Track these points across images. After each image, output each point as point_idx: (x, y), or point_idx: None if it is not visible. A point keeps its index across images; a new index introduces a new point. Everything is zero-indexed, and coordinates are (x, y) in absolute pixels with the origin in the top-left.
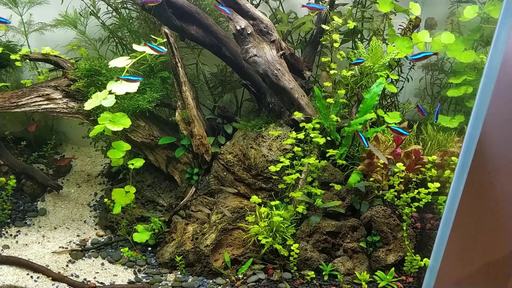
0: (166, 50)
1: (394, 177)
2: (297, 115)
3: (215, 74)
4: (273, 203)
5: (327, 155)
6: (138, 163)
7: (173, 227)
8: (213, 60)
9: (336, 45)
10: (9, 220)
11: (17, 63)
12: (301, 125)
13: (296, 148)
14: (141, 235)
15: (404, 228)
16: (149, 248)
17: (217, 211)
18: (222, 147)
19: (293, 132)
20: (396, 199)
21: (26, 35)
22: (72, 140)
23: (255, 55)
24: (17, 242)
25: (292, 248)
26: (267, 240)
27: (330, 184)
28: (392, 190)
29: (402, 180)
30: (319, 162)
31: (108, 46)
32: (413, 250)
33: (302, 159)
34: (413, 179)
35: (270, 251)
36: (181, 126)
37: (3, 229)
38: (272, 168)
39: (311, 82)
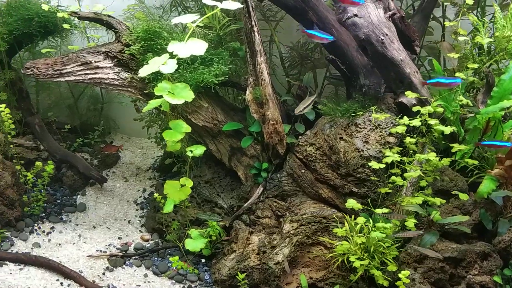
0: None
1: None
2: (410, 95)
3: (295, 48)
4: (378, 211)
5: (453, 150)
6: (198, 150)
7: (233, 235)
8: (288, 36)
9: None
10: (44, 214)
11: (65, 25)
12: (415, 109)
13: (409, 140)
14: (195, 242)
15: None
16: (203, 260)
17: (292, 219)
18: (300, 137)
19: (405, 117)
20: None
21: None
22: (122, 129)
23: (355, 15)
24: (49, 240)
25: (399, 276)
26: (362, 262)
27: (453, 192)
28: None
29: None
30: (440, 160)
31: (170, 14)
32: None
33: (416, 155)
34: None
35: (362, 277)
36: (251, 108)
37: (36, 224)
38: (375, 165)
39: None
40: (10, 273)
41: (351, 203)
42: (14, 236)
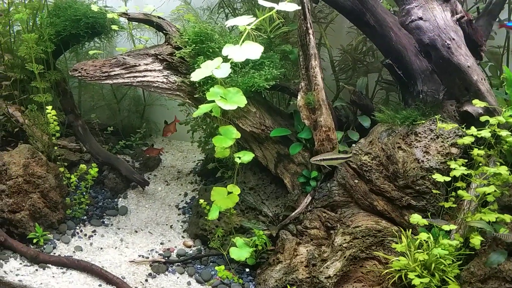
0: None
1: None
2: (478, 103)
3: (348, 51)
4: (446, 227)
5: None
6: (246, 157)
7: (279, 245)
8: (339, 39)
9: None
10: (85, 217)
11: (114, 27)
12: (482, 119)
13: (477, 151)
14: (240, 251)
15: None
16: (247, 269)
17: (344, 231)
18: (353, 145)
19: (472, 127)
20: None
21: (126, 1)
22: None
23: (420, 18)
24: (91, 244)
25: None
26: (422, 280)
27: None
28: None
29: None
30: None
31: (218, 16)
32: None
33: (484, 168)
34: None
35: None
36: (302, 114)
37: (78, 227)
38: (439, 178)
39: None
40: (53, 276)
41: (416, 218)
42: (56, 239)
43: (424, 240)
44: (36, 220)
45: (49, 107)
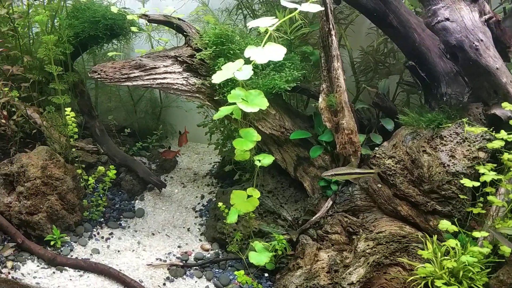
0: None
1: None
2: (508, 107)
3: (369, 53)
4: (476, 234)
5: None
6: (266, 160)
7: (299, 250)
8: (358, 40)
9: None
10: (102, 219)
11: (133, 28)
12: None
13: (507, 156)
14: (260, 255)
15: None
16: (266, 274)
17: (367, 237)
18: (376, 148)
19: (502, 131)
20: None
21: (144, 2)
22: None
23: (447, 19)
24: (108, 247)
25: None
26: None
27: None
28: None
29: None
30: None
31: (236, 17)
32: None
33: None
34: None
35: None
36: (324, 116)
37: (95, 229)
38: (468, 183)
39: None
40: (70, 279)
41: (445, 224)
42: (73, 241)
43: (451, 246)
44: (53, 222)
45: (68, 109)
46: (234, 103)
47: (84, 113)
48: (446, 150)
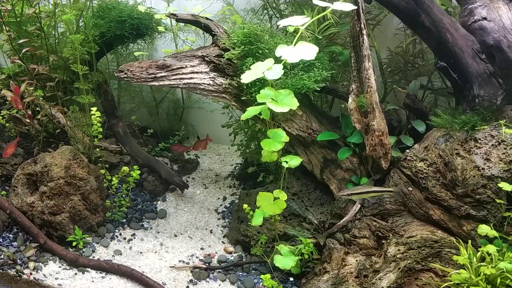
0: None
1: None
2: None
3: (399, 53)
4: None
5: None
6: (294, 161)
7: (326, 254)
8: (385, 41)
9: None
10: (125, 220)
11: (160, 28)
12: None
13: None
14: (285, 259)
15: None
16: (291, 278)
17: (398, 241)
18: (407, 151)
19: None
20: None
21: (169, 2)
22: (201, 134)
23: (484, 18)
24: (130, 248)
25: None
26: None
27: None
28: None
29: None
30: None
31: (262, 17)
32: None
33: None
34: None
35: None
36: (353, 117)
37: (117, 230)
38: (506, 187)
39: None
40: (92, 281)
41: (485, 229)
42: (95, 242)
43: (487, 252)
44: (75, 222)
45: (94, 109)
46: (263, 103)
47: (107, 113)
48: (481, 153)
